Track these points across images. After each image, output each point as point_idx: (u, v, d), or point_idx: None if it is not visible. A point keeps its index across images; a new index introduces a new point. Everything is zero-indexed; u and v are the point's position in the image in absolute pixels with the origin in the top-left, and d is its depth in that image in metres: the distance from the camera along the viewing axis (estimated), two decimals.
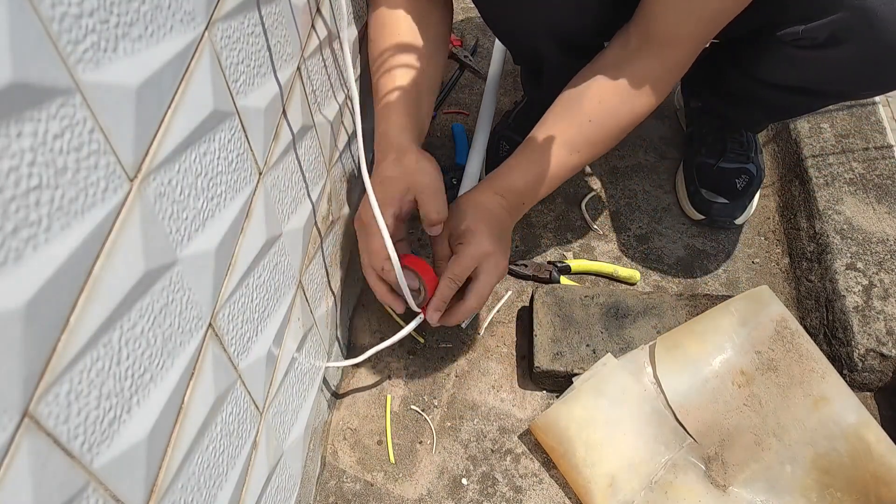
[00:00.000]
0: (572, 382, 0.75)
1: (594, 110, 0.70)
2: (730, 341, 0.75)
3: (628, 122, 0.71)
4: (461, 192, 0.83)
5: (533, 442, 0.75)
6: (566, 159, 0.71)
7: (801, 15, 0.70)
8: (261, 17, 0.48)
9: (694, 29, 0.66)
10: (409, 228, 0.88)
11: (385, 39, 0.73)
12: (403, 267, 0.65)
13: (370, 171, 0.68)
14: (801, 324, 0.79)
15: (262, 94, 0.49)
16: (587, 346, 0.78)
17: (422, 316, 0.69)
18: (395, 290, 0.68)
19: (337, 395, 0.80)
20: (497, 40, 0.96)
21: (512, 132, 0.99)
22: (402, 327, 0.70)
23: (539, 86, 0.89)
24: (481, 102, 1.00)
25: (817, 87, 0.78)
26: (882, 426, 0.71)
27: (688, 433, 0.72)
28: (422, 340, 0.85)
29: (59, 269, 0.27)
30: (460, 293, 0.68)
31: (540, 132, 0.72)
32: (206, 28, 0.40)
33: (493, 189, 0.71)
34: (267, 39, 0.50)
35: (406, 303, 0.68)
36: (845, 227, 0.87)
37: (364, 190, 0.63)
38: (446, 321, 0.69)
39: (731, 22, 0.66)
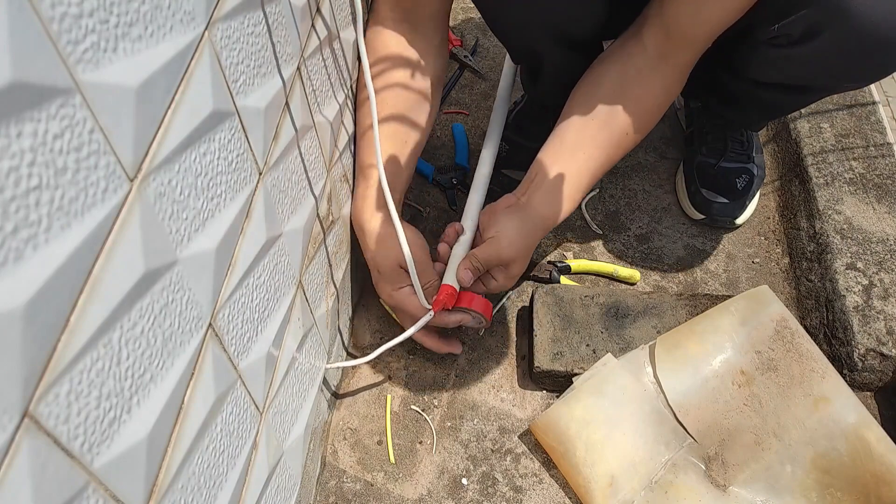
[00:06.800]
0: (572, 382, 0.75)
1: (632, 124, 0.74)
2: (730, 341, 0.75)
3: (651, 129, 0.76)
4: (468, 205, 0.81)
5: (533, 442, 0.75)
6: (603, 170, 0.76)
7: (773, 14, 0.70)
8: (261, 17, 0.48)
9: (707, 30, 0.68)
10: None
11: (381, 78, 0.75)
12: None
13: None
14: (801, 324, 0.79)
15: (263, 94, 0.49)
16: (587, 345, 0.78)
17: (431, 313, 0.71)
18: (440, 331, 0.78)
19: (337, 395, 0.80)
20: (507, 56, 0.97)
21: (511, 132, 0.98)
22: (403, 329, 0.73)
23: (538, 84, 0.89)
24: (492, 111, 0.95)
25: (804, 83, 0.78)
26: (882, 426, 0.71)
27: (688, 433, 0.72)
28: None
29: (59, 269, 0.27)
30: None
31: (584, 147, 0.74)
32: (206, 28, 0.40)
33: (542, 209, 0.73)
34: (267, 39, 0.50)
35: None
36: (845, 226, 0.87)
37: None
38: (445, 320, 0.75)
39: None
